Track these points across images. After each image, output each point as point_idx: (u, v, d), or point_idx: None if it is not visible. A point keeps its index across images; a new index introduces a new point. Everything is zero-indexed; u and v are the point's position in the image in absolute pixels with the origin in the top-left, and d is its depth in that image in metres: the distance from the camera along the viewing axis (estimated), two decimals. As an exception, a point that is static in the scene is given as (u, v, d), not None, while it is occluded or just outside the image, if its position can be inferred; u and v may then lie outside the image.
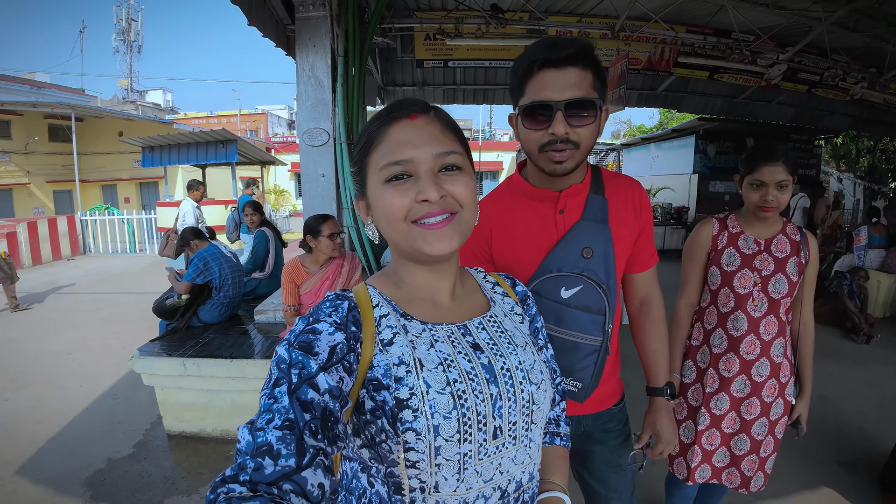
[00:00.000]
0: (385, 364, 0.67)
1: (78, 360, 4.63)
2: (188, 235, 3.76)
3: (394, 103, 0.75)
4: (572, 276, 1.15)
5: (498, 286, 0.90)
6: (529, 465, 0.75)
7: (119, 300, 6.96)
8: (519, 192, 1.24)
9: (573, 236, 1.16)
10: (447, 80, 7.79)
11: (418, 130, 0.71)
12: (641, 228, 1.26)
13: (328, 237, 2.78)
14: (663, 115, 23.92)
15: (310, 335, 0.63)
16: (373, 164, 0.72)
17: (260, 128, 31.87)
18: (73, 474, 2.79)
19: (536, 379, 0.75)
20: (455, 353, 0.71)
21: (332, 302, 0.70)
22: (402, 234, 0.71)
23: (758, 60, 6.78)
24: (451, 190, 0.70)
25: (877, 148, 13.78)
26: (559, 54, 1.01)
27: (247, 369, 2.94)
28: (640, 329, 1.38)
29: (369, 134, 0.73)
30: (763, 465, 1.76)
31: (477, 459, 0.67)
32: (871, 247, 6.19)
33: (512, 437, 0.71)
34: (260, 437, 0.52)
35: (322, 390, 0.58)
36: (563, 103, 1.01)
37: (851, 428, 3.29)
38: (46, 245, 10.53)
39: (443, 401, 0.65)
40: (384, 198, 0.70)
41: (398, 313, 0.74)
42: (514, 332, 0.80)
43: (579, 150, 1.06)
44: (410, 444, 0.63)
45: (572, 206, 1.19)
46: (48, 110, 13.68)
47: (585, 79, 1.03)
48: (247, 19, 3.69)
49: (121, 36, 30.94)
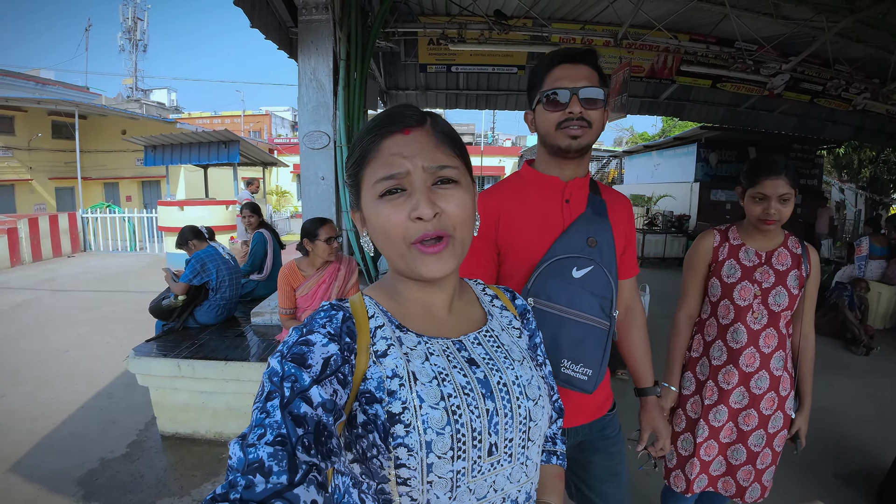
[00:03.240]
0: (379, 376, 0.65)
1: (74, 358, 4.62)
2: (187, 235, 3.74)
3: (389, 113, 0.73)
4: (583, 258, 1.22)
5: (497, 299, 0.89)
6: (526, 484, 0.73)
7: (118, 299, 6.95)
8: (527, 181, 1.33)
9: (579, 225, 1.24)
10: (450, 84, 7.79)
11: (412, 143, 0.69)
12: (629, 238, 1.40)
13: (325, 241, 2.77)
14: (666, 122, 23.93)
15: (303, 347, 0.62)
16: (367, 179, 0.71)
17: (263, 129, 31.91)
18: (65, 473, 2.78)
19: (534, 395, 0.73)
20: (450, 367, 0.69)
21: (327, 312, 0.69)
22: (401, 254, 0.70)
23: (760, 70, 6.77)
24: (444, 208, 0.69)
25: (878, 158, 13.77)
26: (573, 52, 1.21)
27: (242, 372, 2.93)
28: (627, 334, 1.47)
29: (363, 147, 0.72)
30: (760, 477, 1.74)
31: (470, 477, 0.65)
32: (871, 257, 6.17)
33: (508, 454, 0.69)
34: (251, 454, 0.51)
35: (315, 404, 0.57)
36: (578, 89, 1.18)
37: (849, 440, 3.27)
38: (47, 241, 10.53)
39: (436, 416, 0.63)
40: (380, 214, 0.69)
41: (394, 325, 0.72)
42: (511, 347, 0.78)
43: (592, 129, 1.21)
44: (402, 460, 0.62)
45: (577, 198, 1.29)
46: (52, 107, 13.71)
47: (594, 75, 1.20)
48: (250, 21, 3.69)
49: (126, 34, 30.97)
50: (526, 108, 1.32)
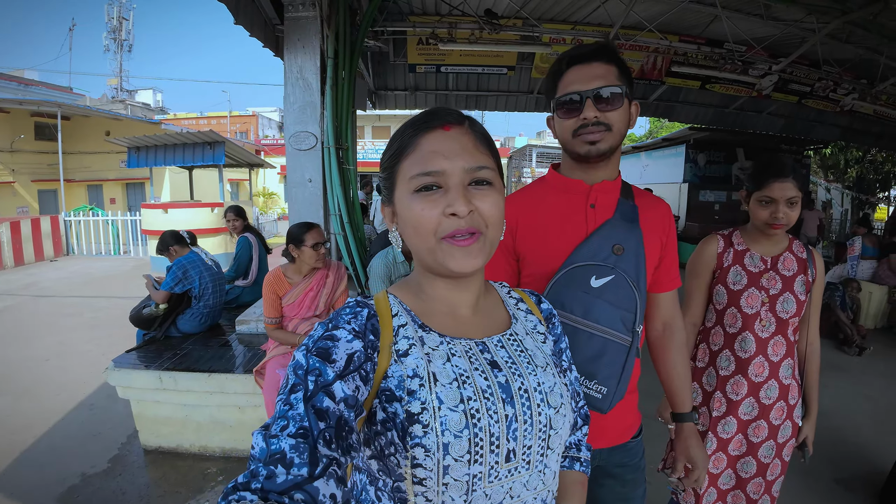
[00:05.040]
0: (399, 375, 0.66)
1: (56, 366, 4.51)
2: (168, 240, 3.61)
3: (429, 111, 0.74)
4: (604, 267, 1.13)
5: (522, 302, 0.88)
6: (543, 492, 0.72)
7: (101, 304, 6.81)
8: (550, 186, 1.26)
9: (604, 232, 1.16)
10: (440, 85, 7.74)
11: (451, 142, 0.70)
12: (668, 247, 1.27)
13: (311, 247, 2.65)
14: (653, 123, 24.09)
15: (328, 342, 0.63)
16: (402, 173, 0.72)
17: (250, 129, 31.55)
18: (46, 489, 2.70)
19: (556, 402, 0.72)
20: (472, 369, 0.69)
21: (353, 309, 0.70)
22: (430, 248, 0.70)
23: (749, 71, 6.79)
24: (479, 206, 0.69)
25: (865, 159, 13.94)
26: (584, 51, 1.12)
27: (226, 384, 2.83)
28: (664, 353, 1.32)
29: (402, 141, 0.73)
30: (770, 489, 1.71)
31: (487, 482, 0.65)
32: (863, 257, 6.19)
33: (525, 461, 0.68)
34: (273, 445, 0.52)
35: (338, 399, 0.58)
36: (592, 92, 1.09)
37: (847, 443, 3.24)
38: (29, 245, 10.36)
39: (455, 418, 0.63)
40: (413, 208, 0.70)
41: (416, 324, 0.73)
42: (534, 352, 0.77)
43: (612, 132, 1.12)
44: (419, 460, 0.62)
45: (604, 203, 1.19)
46: (35, 108, 13.49)
47: (610, 71, 1.11)
48: (233, 18, 3.58)
49: (111, 34, 30.57)
50: (515, 110, 1.24)
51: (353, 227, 4.20)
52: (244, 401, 2.89)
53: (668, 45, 6.49)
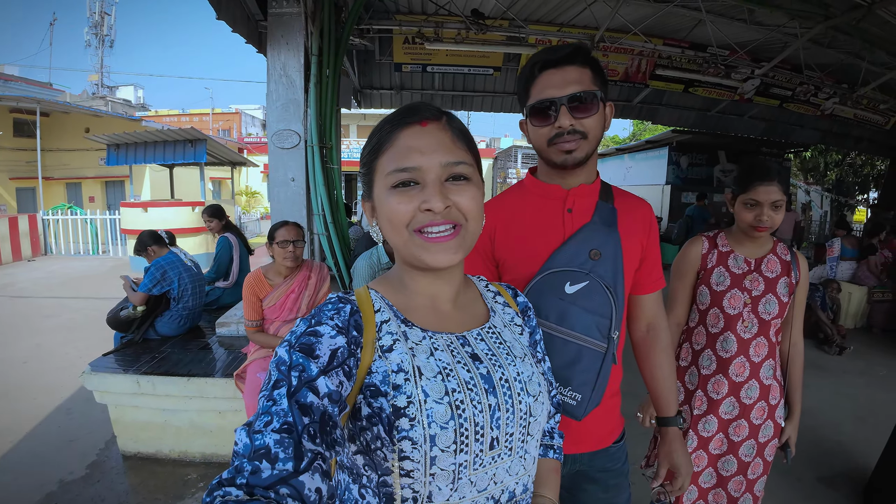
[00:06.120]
0: (384, 371, 0.66)
1: (33, 369, 4.39)
2: (146, 240, 3.52)
3: (407, 107, 0.74)
4: (579, 273, 1.11)
5: (499, 296, 0.90)
6: (524, 477, 0.75)
7: (79, 305, 6.67)
8: (528, 190, 1.23)
9: (581, 237, 1.14)
10: (425, 84, 7.74)
11: (428, 137, 0.71)
12: (649, 249, 1.25)
13: (279, 244, 2.59)
14: (636, 126, 24.28)
15: (311, 337, 0.63)
16: (380, 169, 0.72)
17: (233, 127, 31.21)
18: (23, 496, 2.62)
19: (534, 391, 0.75)
20: (454, 362, 0.70)
21: (335, 305, 0.70)
22: (404, 240, 0.71)
23: (732, 75, 6.90)
24: (457, 201, 0.70)
25: (844, 162, 14.22)
26: (557, 55, 1.07)
27: (206, 388, 2.77)
28: (648, 355, 1.30)
29: (379, 137, 0.73)
30: (752, 488, 1.72)
31: (472, 469, 0.67)
32: (842, 258, 6.30)
33: (508, 448, 0.71)
34: (258, 440, 0.52)
35: (322, 394, 0.58)
36: (566, 97, 1.05)
37: (829, 441, 3.28)
38: (6, 245, 10.13)
39: (440, 410, 0.64)
40: (388, 203, 0.70)
41: (399, 319, 0.73)
42: (513, 344, 0.79)
43: (587, 139, 1.09)
44: (406, 452, 0.63)
45: (581, 207, 1.17)
46: (13, 104, 13.27)
47: (584, 74, 1.07)
48: (216, 13, 3.52)
49: (93, 30, 30.13)
50: (500, 111, 1.21)
51: (337, 227, 4.15)
52: (225, 405, 2.83)
53: (652, 49, 6.56)
